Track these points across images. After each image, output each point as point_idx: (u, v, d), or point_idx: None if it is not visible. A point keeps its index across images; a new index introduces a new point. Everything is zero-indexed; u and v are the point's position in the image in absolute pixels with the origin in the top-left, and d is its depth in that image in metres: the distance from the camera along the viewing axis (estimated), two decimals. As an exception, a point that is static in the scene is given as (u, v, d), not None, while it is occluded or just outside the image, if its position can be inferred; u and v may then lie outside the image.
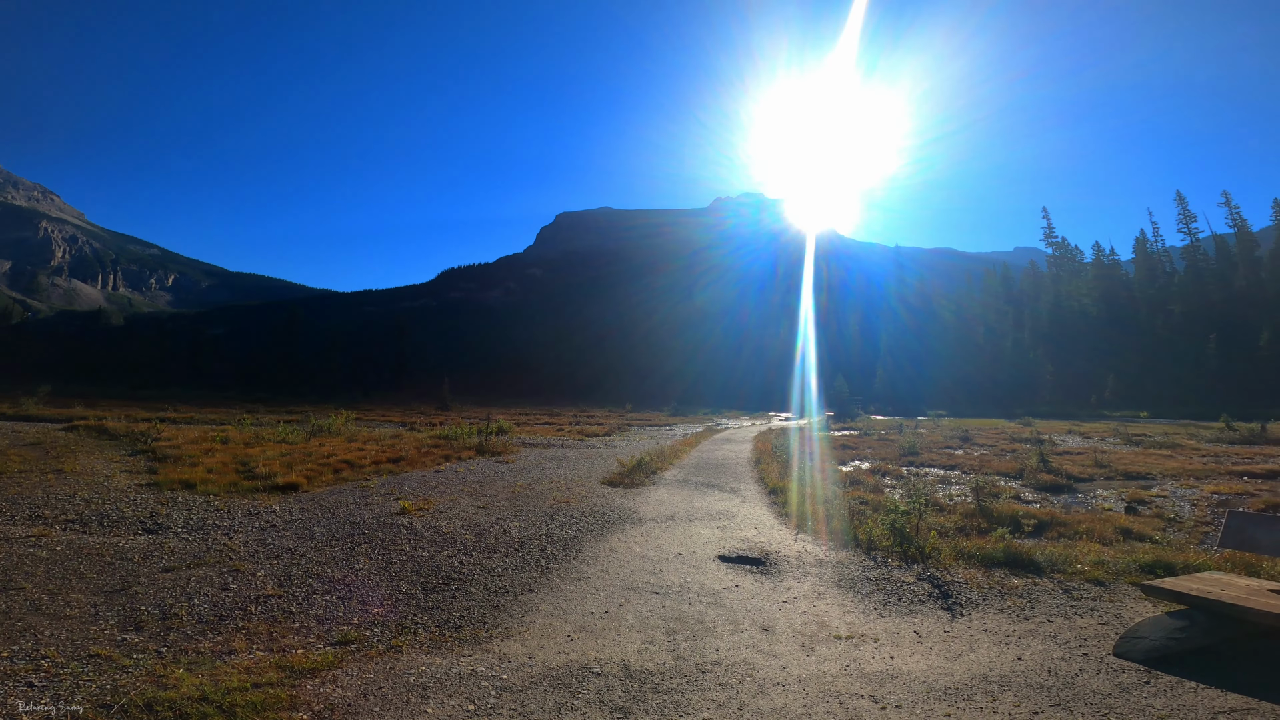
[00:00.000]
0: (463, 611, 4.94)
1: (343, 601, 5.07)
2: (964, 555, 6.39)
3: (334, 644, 4.24)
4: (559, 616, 4.88)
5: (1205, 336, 62.69)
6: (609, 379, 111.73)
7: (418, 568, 6.01)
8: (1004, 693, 3.60)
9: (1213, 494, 10.46)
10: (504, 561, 6.31)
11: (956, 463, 15.36)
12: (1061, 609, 5.00)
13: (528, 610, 4.99)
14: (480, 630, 4.57)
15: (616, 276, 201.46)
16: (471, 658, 4.10)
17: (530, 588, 5.56)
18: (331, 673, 3.79)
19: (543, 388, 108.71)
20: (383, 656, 4.07)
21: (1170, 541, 6.99)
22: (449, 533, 7.35)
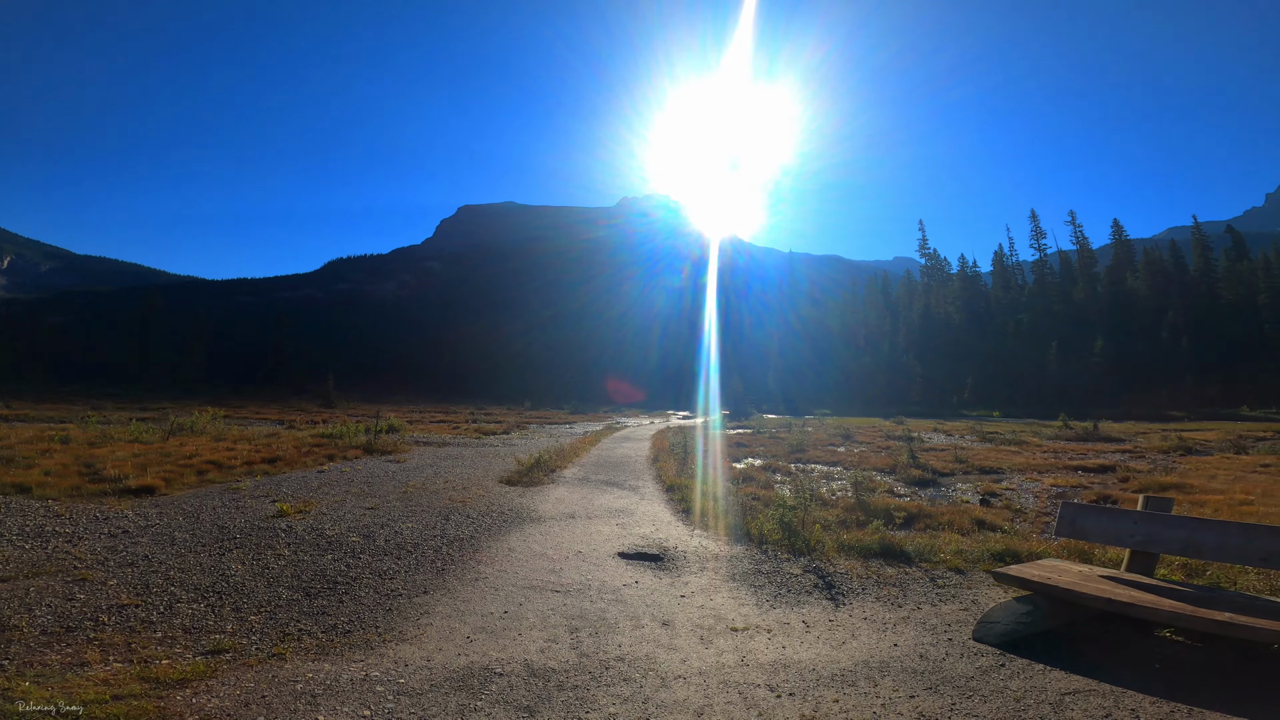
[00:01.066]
0: (352, 616, 4.71)
1: (212, 610, 4.69)
2: (845, 547, 6.75)
3: (205, 653, 3.93)
4: (457, 618, 4.75)
5: (1048, 343, 70.63)
6: (508, 377, 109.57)
7: (299, 572, 5.63)
8: (884, 678, 3.83)
9: (1052, 486, 11.74)
10: (396, 564, 6.06)
11: (839, 459, 16.30)
12: (929, 596, 5.37)
13: (424, 613, 4.83)
14: (373, 635, 4.38)
15: (519, 272, 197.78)
16: (364, 663, 3.92)
17: (426, 590, 5.38)
18: (205, 683, 3.52)
19: (439, 385, 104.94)
20: (263, 665, 3.81)
21: (1017, 531, 7.68)
22: (334, 535, 6.93)
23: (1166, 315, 70.60)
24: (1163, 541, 4.40)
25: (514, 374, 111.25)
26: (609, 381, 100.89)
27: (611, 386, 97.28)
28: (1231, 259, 75.35)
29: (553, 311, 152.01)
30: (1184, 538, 4.29)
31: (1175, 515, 4.48)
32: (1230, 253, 76.06)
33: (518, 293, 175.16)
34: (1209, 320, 69.65)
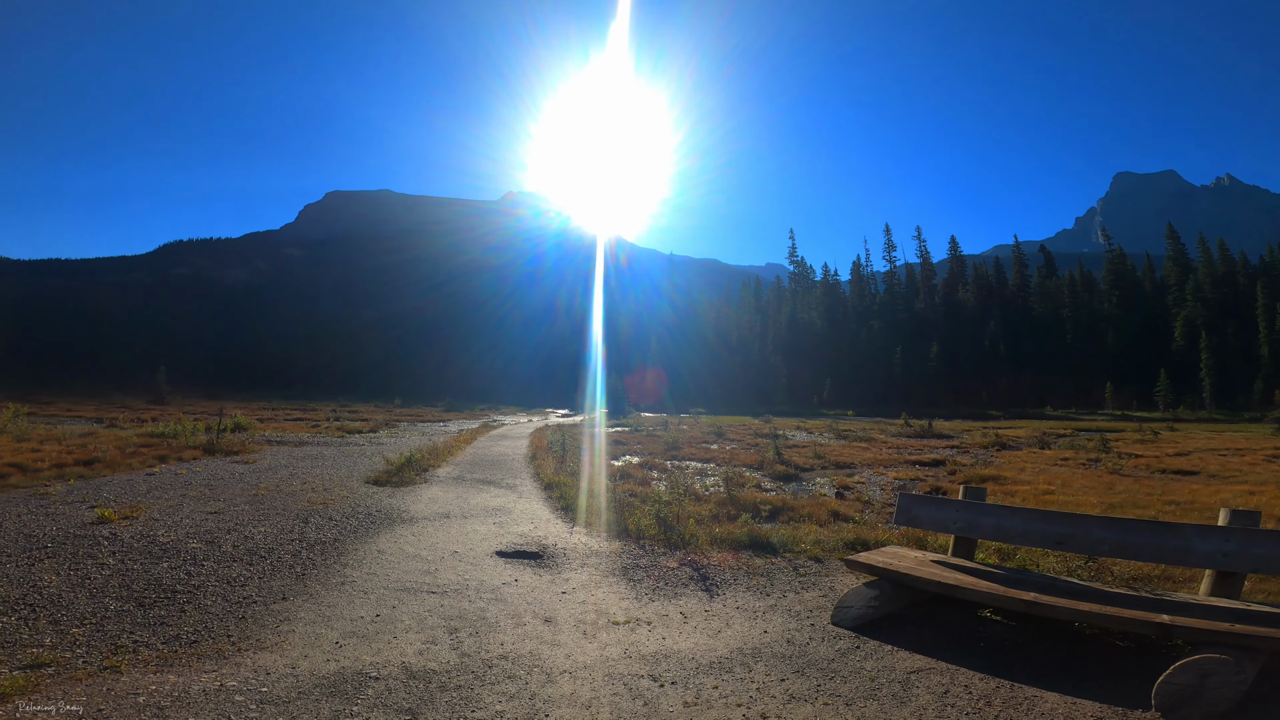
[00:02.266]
0: (198, 625, 4.32)
1: (25, 623, 4.14)
2: (718, 540, 7.05)
3: (23, 668, 3.49)
4: (323, 624, 4.48)
5: (895, 348, 77.98)
6: (377, 373, 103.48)
7: (129, 582, 5.04)
8: (757, 663, 4.06)
9: (895, 479, 13.02)
10: (247, 570, 5.57)
11: (712, 456, 17.02)
12: (793, 585, 5.72)
13: (283, 619, 4.51)
14: (225, 644, 4.04)
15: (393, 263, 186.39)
16: (218, 672, 3.62)
17: (284, 596, 5.01)
18: (28, 698, 3.16)
19: (296, 381, 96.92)
20: (95, 678, 3.44)
21: (866, 521, 8.39)
22: (169, 542, 6.23)
23: (988, 325, 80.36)
24: (979, 528, 4.97)
25: (384, 370, 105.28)
26: (487, 379, 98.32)
27: (490, 384, 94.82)
28: (1043, 276, 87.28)
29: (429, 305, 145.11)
30: (995, 524, 4.89)
31: (988, 504, 5.09)
32: (1042, 270, 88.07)
33: (390, 285, 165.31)
34: (1022, 330, 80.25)
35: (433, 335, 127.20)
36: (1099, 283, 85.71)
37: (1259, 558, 3.82)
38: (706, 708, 3.45)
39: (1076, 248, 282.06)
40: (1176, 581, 5.22)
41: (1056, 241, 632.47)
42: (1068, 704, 3.38)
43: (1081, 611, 3.81)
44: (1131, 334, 76.62)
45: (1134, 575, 5.45)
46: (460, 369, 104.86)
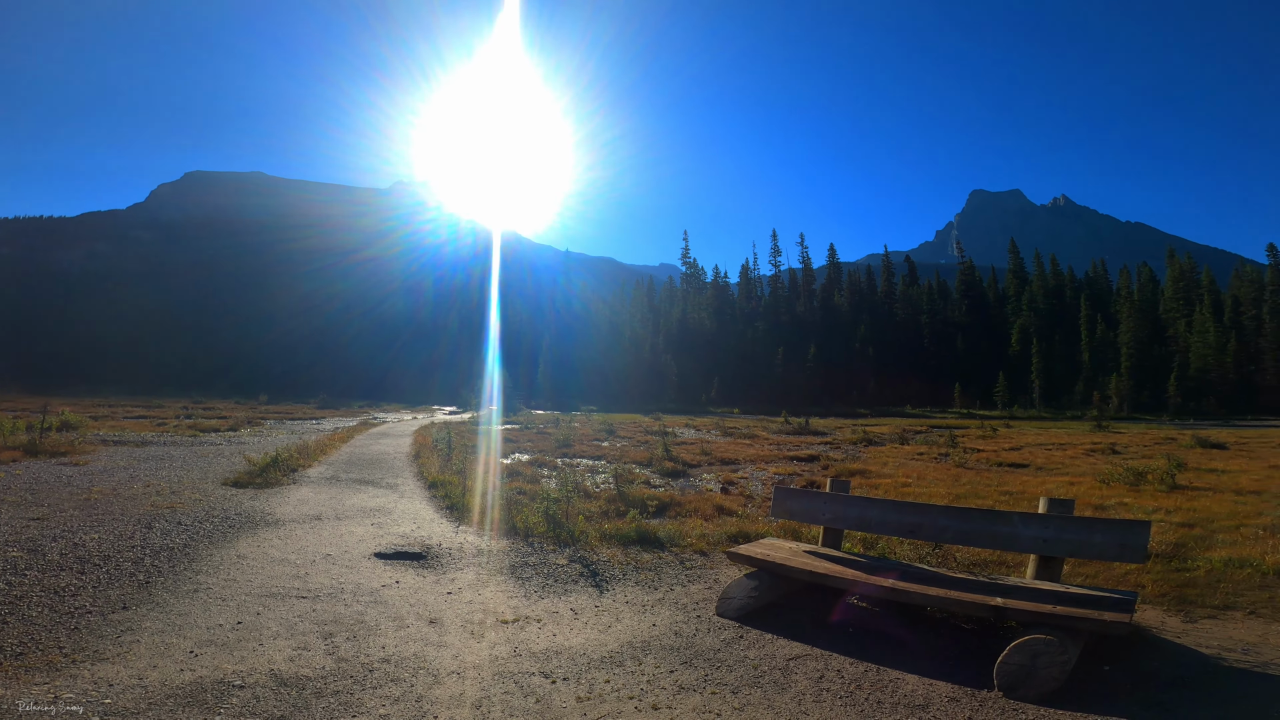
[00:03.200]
0: (22, 637, 3.86)
1: None
2: (607, 536, 7.12)
3: None
4: (174, 633, 4.13)
5: (777, 349, 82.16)
6: (240, 367, 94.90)
7: (-69, 597, 4.38)
8: (646, 656, 4.14)
9: (775, 474, 13.71)
10: (78, 579, 5.00)
11: (603, 453, 17.10)
12: (679, 578, 5.89)
13: (126, 630, 4.12)
14: (56, 656, 3.65)
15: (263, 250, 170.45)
16: (50, 685, 3.26)
17: (125, 605, 4.56)
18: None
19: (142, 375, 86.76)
20: None
21: (749, 514, 8.71)
22: (-22, 555, 5.43)
23: (860, 328, 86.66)
24: (844, 519, 5.35)
25: (248, 365, 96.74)
26: (369, 375, 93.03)
27: (372, 381, 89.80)
28: (907, 284, 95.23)
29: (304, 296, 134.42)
30: (858, 515, 5.29)
31: (852, 496, 5.50)
32: (906, 279, 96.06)
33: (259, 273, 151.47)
34: (888, 333, 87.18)
35: (307, 328, 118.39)
36: (952, 292, 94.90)
37: (1072, 542, 4.29)
38: (599, 702, 3.49)
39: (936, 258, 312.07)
40: (1010, 566, 5.78)
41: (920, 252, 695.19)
42: (925, 685, 3.66)
43: (930, 596, 4.16)
44: (978, 339, 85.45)
45: (974, 560, 6.01)
46: (338, 364, 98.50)
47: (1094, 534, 4.26)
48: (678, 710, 3.40)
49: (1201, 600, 5.00)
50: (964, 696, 3.51)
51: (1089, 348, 75.55)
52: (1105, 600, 3.96)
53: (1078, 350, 76.81)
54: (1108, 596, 4.04)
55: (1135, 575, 5.50)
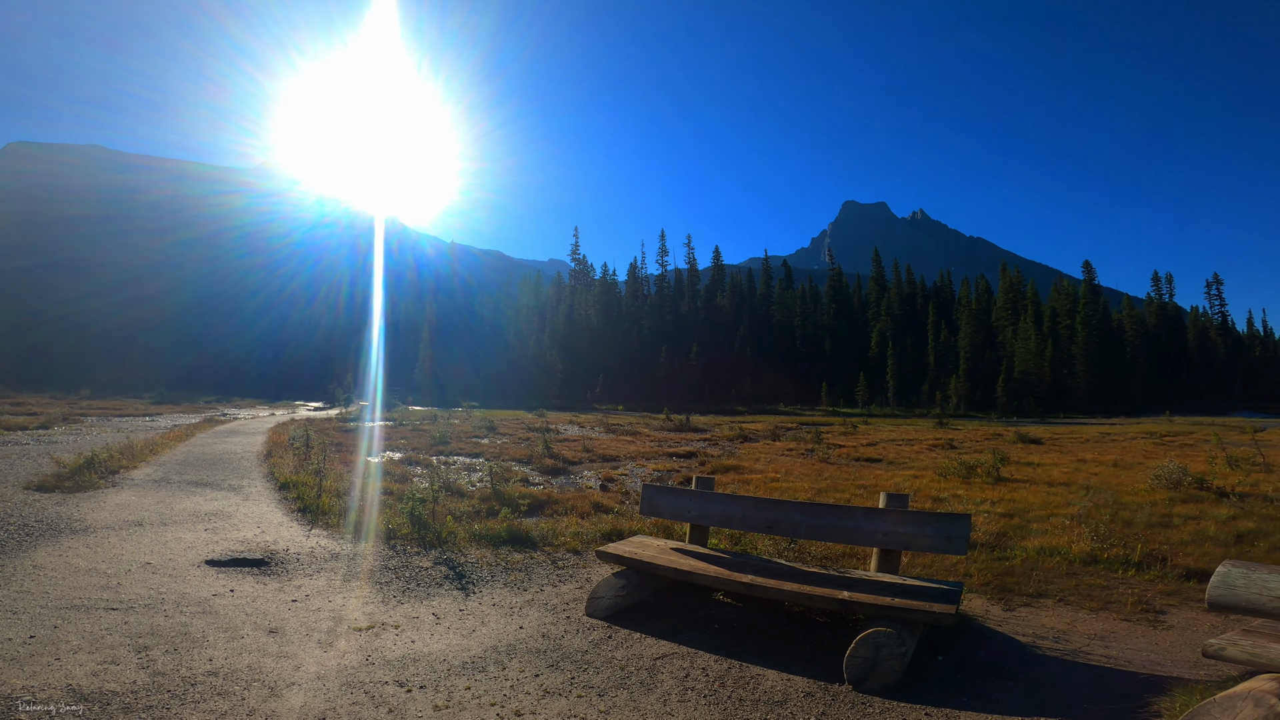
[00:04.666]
0: None
1: None
2: (477, 537, 6.89)
3: None
4: None
5: (661, 347, 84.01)
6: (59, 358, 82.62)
7: None
8: (512, 660, 4.02)
9: (654, 470, 13.97)
10: None
11: (482, 451, 16.61)
12: (551, 578, 5.79)
13: None
14: None
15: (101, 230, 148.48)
16: None
17: None
18: None
19: (-74, 358, 73.20)
20: None
21: (625, 512, 8.69)
22: None
23: (739, 329, 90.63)
24: (709, 515, 5.45)
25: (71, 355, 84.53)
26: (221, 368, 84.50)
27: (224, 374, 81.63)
28: (783, 288, 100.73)
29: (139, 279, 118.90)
30: (721, 511, 5.41)
31: (716, 493, 5.60)
32: (783, 282, 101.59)
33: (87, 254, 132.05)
34: (765, 334, 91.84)
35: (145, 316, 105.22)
36: (823, 296, 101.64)
37: (907, 536, 4.57)
38: (459, 710, 3.36)
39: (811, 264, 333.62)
40: (860, 558, 6.14)
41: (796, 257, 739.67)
42: (784, 680, 3.79)
43: (786, 591, 4.31)
44: (843, 341, 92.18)
45: (828, 554, 6.38)
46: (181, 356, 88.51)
47: (925, 528, 4.53)
48: (542, 716, 3.33)
49: (1019, 588, 5.48)
50: (818, 691, 3.65)
51: (935, 351, 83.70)
52: (935, 591, 4.21)
53: (925, 353, 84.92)
54: (937, 588, 4.31)
55: (964, 565, 6.00)
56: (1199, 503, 8.83)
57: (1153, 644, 4.31)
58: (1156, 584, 5.51)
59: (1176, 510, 8.32)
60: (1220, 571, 3.19)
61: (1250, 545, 6.52)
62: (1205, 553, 6.21)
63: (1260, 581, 3.02)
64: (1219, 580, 3.15)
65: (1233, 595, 3.09)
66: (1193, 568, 5.76)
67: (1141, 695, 3.49)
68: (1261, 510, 8.19)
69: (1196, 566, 5.75)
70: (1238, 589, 3.08)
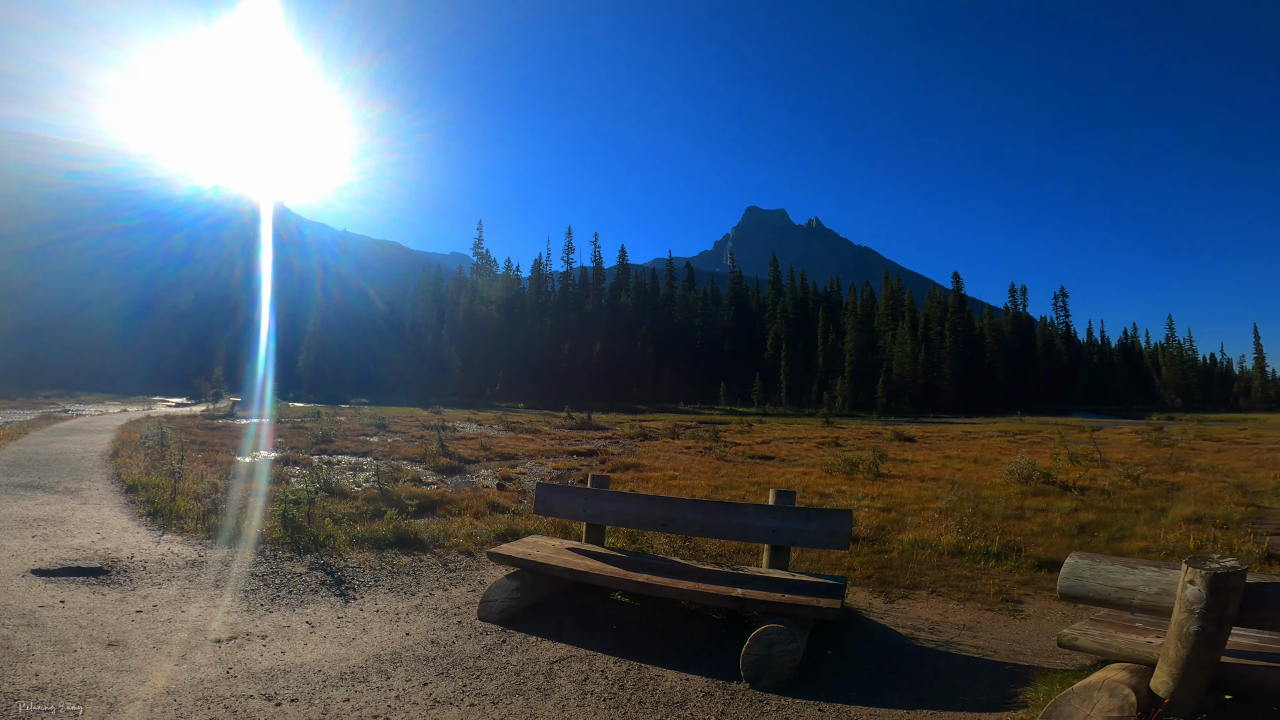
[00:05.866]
0: None
1: None
2: (359, 540, 6.51)
3: None
4: None
5: (564, 345, 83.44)
6: None
7: None
8: (397, 669, 3.78)
9: (554, 469, 13.79)
10: None
11: (370, 449, 15.77)
12: (441, 581, 5.53)
13: None
14: None
15: None
16: None
17: None
18: None
19: None
20: None
21: (523, 511, 8.53)
22: None
23: (642, 328, 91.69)
24: (604, 514, 5.38)
25: None
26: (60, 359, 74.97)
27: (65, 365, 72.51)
28: (686, 289, 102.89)
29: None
30: (616, 510, 5.35)
31: (611, 491, 5.54)
32: (686, 283, 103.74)
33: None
34: (667, 334, 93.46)
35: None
36: (723, 298, 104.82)
37: (794, 532, 4.67)
38: (337, 723, 3.12)
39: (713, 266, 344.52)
40: (753, 554, 6.23)
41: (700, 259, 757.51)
42: (683, 680, 3.75)
43: (681, 589, 4.29)
44: (741, 342, 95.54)
45: (721, 551, 6.47)
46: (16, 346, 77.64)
47: (810, 523, 4.65)
48: (431, 727, 3.14)
49: (897, 580, 5.78)
50: (717, 690, 3.63)
51: (823, 354, 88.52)
52: (822, 586, 4.32)
53: (816, 355, 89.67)
54: (824, 582, 4.42)
55: (848, 559, 6.28)
56: (1047, 496, 9.82)
57: (1014, 633, 4.60)
58: (1014, 574, 5.95)
59: (1028, 503, 9.19)
60: (1068, 563, 3.36)
61: (1091, 536, 7.28)
62: (1053, 543, 6.84)
63: (1105, 573, 3.21)
64: (1068, 572, 3.33)
65: (1080, 586, 3.27)
66: (1043, 558, 6.26)
67: (1008, 686, 3.67)
68: (1100, 503, 9.21)
69: (1046, 557, 6.26)
70: (1084, 580, 3.26)
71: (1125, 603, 3.15)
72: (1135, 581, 3.11)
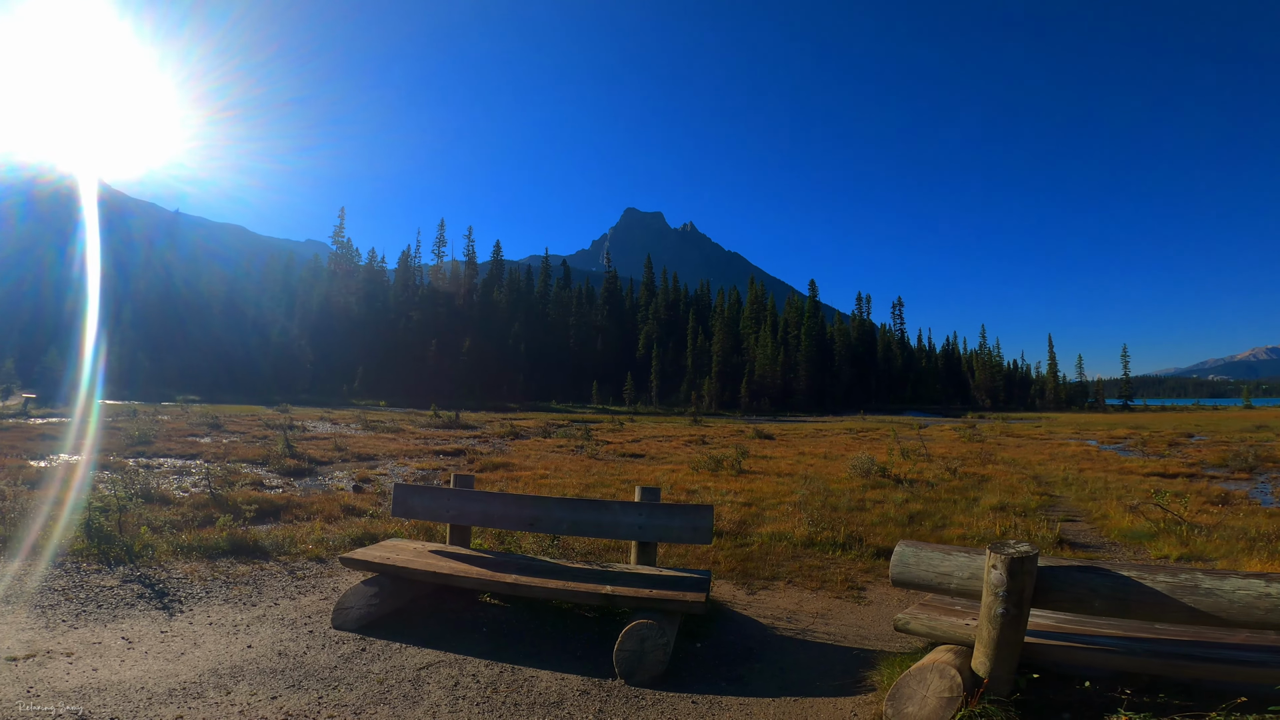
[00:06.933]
0: None
1: None
2: (185, 549, 5.95)
3: None
4: None
5: (430, 340, 79.83)
6: None
7: None
8: (238, 683, 3.50)
9: (418, 469, 13.17)
10: None
11: (200, 451, 14.22)
12: (287, 590, 5.16)
13: None
14: None
15: None
16: None
17: None
18: None
19: None
20: None
21: (382, 514, 8.06)
22: None
23: (515, 325, 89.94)
24: (468, 515, 5.19)
25: None
26: None
27: None
28: (561, 287, 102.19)
29: None
30: (480, 510, 5.19)
31: (475, 491, 5.36)
32: (561, 282, 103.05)
33: None
34: (540, 332, 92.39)
35: None
36: (598, 297, 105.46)
37: (660, 528, 4.76)
38: (171, 742, 2.85)
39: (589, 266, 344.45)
40: (623, 551, 6.31)
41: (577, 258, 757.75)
42: (559, 680, 3.72)
43: (551, 589, 4.26)
44: (614, 342, 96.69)
45: (590, 549, 6.50)
46: None
47: (674, 519, 4.77)
48: (286, 742, 2.91)
49: (758, 573, 6.06)
50: (593, 688, 3.64)
51: (692, 354, 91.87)
52: (689, 581, 4.36)
53: (685, 356, 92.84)
54: (690, 577, 4.47)
55: (714, 553, 6.55)
56: (883, 489, 10.85)
57: (860, 619, 4.96)
58: (857, 563, 6.45)
59: (868, 495, 10.11)
60: (897, 551, 3.62)
61: (919, 525, 8.13)
62: (889, 532, 7.53)
63: (926, 559, 3.49)
64: (896, 559, 3.59)
65: (908, 573, 3.53)
66: (881, 546, 6.82)
67: (858, 670, 3.94)
68: (926, 494, 10.33)
69: (884, 545, 6.84)
70: (910, 567, 3.52)
71: (945, 587, 3.41)
72: (951, 567, 3.38)
